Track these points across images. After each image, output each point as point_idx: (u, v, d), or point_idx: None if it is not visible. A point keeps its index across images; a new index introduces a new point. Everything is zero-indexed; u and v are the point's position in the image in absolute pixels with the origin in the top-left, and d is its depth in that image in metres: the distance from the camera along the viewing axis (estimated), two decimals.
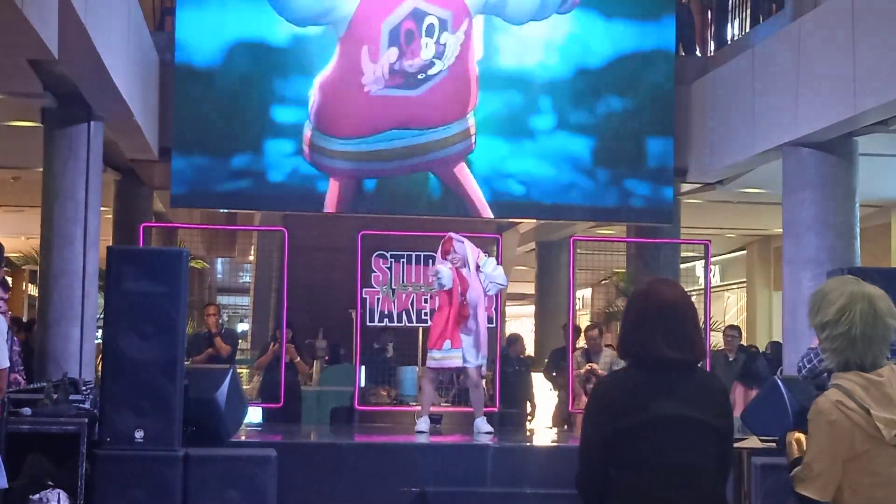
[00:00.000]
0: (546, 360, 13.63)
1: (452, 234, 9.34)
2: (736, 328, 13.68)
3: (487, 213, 13.00)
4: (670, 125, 13.19)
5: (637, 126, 13.17)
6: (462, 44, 12.83)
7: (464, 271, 9.16)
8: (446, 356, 9.13)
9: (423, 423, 9.11)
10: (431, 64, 12.78)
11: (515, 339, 13.73)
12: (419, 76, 12.77)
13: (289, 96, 12.72)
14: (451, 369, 9.48)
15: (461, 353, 9.09)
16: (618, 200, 13.23)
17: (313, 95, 12.66)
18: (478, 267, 9.28)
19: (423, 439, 8.86)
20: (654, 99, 13.19)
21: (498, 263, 9.63)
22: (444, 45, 12.78)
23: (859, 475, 3.20)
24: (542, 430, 11.96)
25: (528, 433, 11.37)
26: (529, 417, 13.15)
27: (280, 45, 12.73)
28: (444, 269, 9.09)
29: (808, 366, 6.72)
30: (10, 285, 8.24)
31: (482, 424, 9.14)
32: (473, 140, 12.93)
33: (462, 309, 9.10)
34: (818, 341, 6.81)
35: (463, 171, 12.93)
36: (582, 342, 12.23)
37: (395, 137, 12.73)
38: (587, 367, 11.33)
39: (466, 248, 9.24)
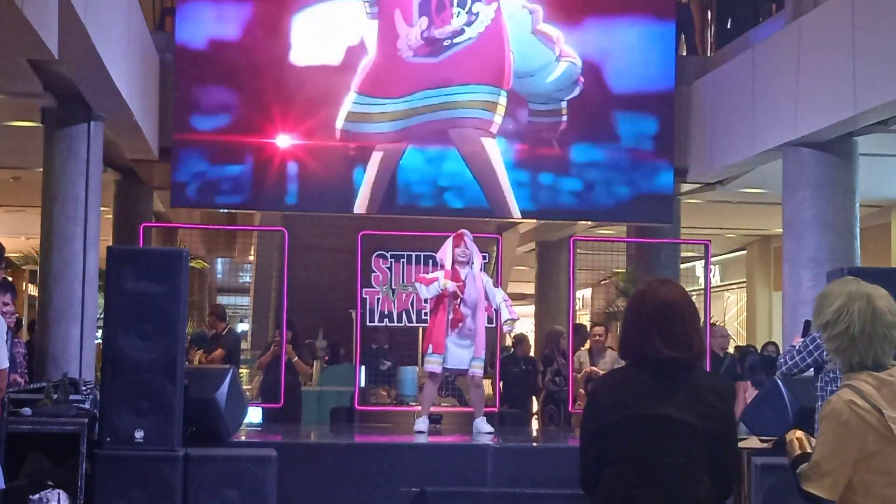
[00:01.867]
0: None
1: (465, 231, 9.34)
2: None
3: (514, 209, 13.06)
4: (670, 126, 13.20)
5: (637, 126, 13.18)
6: (495, 12, 12.93)
7: (463, 272, 9.15)
8: (428, 360, 9.14)
9: (422, 423, 9.10)
10: (461, 31, 12.84)
11: (522, 339, 13.86)
12: (445, 42, 12.83)
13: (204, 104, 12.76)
14: (457, 372, 9.46)
15: (441, 359, 9.07)
16: (618, 200, 13.24)
17: (361, 66, 12.77)
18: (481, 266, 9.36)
19: (422, 439, 8.86)
20: (653, 99, 13.22)
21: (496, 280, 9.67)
22: (477, 14, 12.83)
23: (871, 475, 3.22)
24: (542, 431, 11.96)
25: (529, 432, 11.37)
26: (536, 416, 13.20)
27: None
28: (433, 287, 9.11)
29: (789, 363, 6.74)
30: (14, 285, 8.20)
31: (482, 424, 9.14)
32: (498, 122, 12.99)
33: (455, 313, 9.08)
34: (798, 340, 6.86)
35: (495, 159, 12.98)
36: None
37: (425, 97, 12.87)
38: (587, 370, 11.32)
39: (475, 248, 9.27)
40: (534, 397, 13.34)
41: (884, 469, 3.21)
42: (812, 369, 6.75)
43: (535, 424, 13.14)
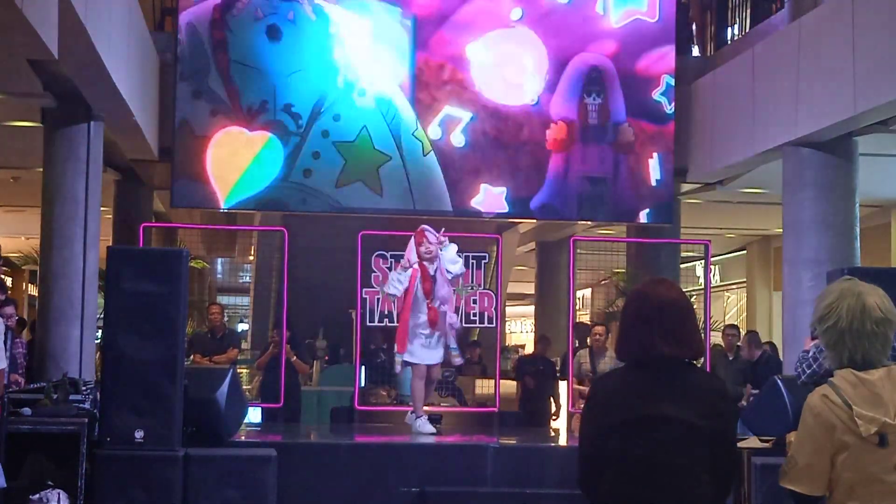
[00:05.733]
0: (558, 360, 13.74)
1: (425, 227, 9.26)
2: (735, 327, 13.67)
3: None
4: (670, 125, 13.20)
5: (636, 126, 13.20)
6: None
7: (432, 268, 9.06)
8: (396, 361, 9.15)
9: (423, 423, 9.04)
10: None
11: (542, 339, 14.04)
12: None
13: None
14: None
15: (401, 359, 9.09)
16: (618, 200, 13.24)
17: None
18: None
19: (427, 439, 8.82)
20: (653, 98, 13.22)
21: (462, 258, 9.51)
22: None
23: (843, 470, 3.24)
24: (542, 431, 11.97)
25: (529, 432, 11.36)
26: (554, 416, 13.25)
27: None
28: (396, 278, 9.09)
29: (807, 371, 6.72)
30: (5, 284, 8.20)
31: (424, 424, 9.08)
32: None
33: (430, 313, 9.03)
34: (810, 343, 6.84)
35: None
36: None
37: None
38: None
39: (436, 244, 9.13)
40: (552, 397, 13.39)
41: (853, 465, 3.23)
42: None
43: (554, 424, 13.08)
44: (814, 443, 3.25)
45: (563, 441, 9.82)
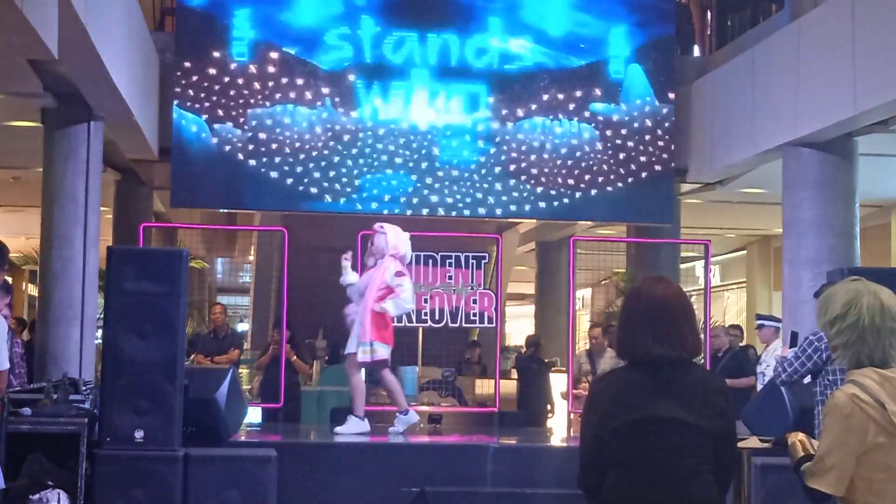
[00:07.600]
0: (557, 359, 13.78)
1: (376, 226, 9.15)
2: (738, 328, 13.67)
3: None
4: (670, 126, 13.20)
5: (636, 126, 13.20)
6: None
7: (370, 260, 8.92)
8: None
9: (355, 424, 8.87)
10: None
11: (537, 341, 14.07)
12: None
13: None
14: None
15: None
16: (618, 200, 13.25)
17: None
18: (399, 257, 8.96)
19: (426, 440, 8.81)
20: (652, 99, 13.23)
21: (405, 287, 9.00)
22: None
23: (873, 470, 3.23)
24: (542, 431, 11.96)
25: (529, 433, 11.36)
26: (550, 415, 13.26)
27: None
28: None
29: (788, 370, 6.72)
30: (12, 287, 8.20)
31: (347, 425, 8.79)
32: None
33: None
34: (789, 351, 6.83)
35: None
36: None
37: None
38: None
39: (388, 238, 8.91)
40: (548, 405, 13.38)
41: (885, 464, 3.22)
42: (810, 375, 6.74)
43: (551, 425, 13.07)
44: (844, 444, 3.23)
45: (561, 441, 9.81)
